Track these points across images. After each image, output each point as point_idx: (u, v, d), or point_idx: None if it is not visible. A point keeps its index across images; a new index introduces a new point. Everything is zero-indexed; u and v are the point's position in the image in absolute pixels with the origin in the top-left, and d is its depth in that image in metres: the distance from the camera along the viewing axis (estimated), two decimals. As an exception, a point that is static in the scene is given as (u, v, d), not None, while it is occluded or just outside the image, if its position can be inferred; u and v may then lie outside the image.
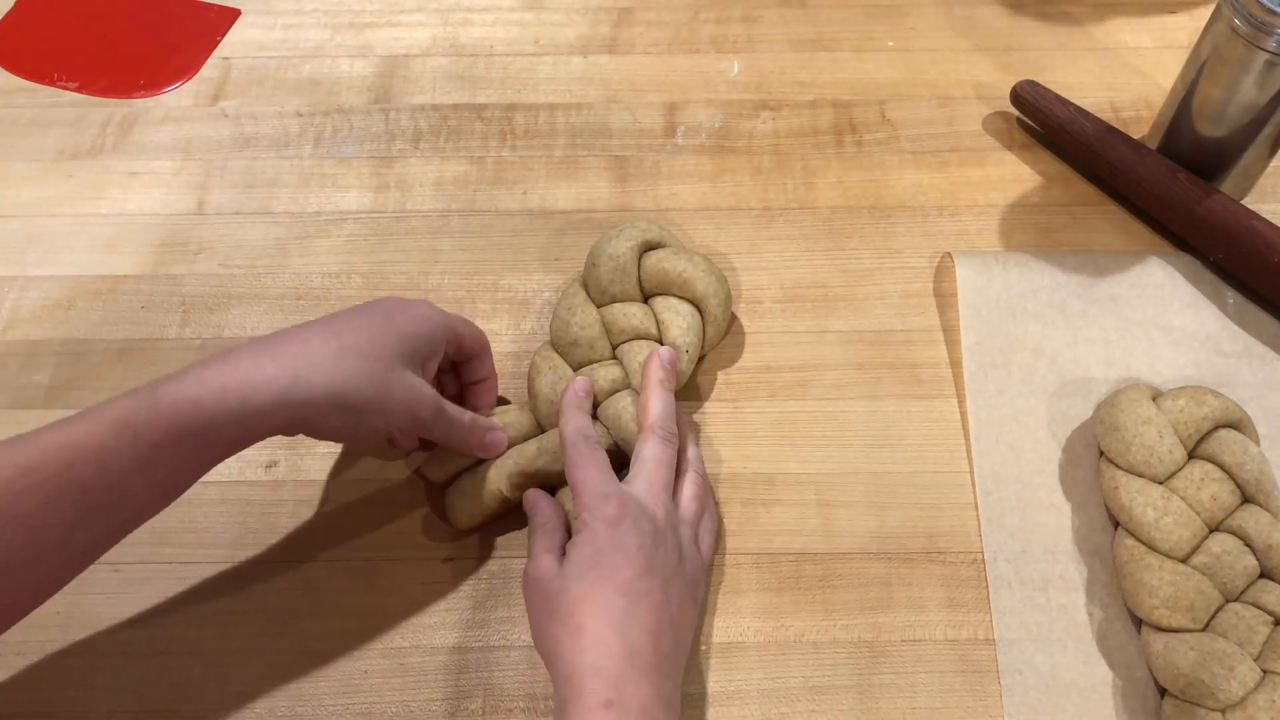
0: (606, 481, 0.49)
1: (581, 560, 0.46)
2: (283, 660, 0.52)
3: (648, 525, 0.47)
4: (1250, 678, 0.47)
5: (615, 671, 0.42)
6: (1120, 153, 0.66)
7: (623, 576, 0.45)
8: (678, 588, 0.47)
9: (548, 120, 0.73)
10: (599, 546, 0.46)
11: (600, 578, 0.45)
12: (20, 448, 0.41)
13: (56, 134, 0.72)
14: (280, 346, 0.46)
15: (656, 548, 0.47)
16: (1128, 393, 0.55)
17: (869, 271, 0.65)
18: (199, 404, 0.43)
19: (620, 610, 0.44)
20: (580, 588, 0.45)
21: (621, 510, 0.47)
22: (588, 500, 0.48)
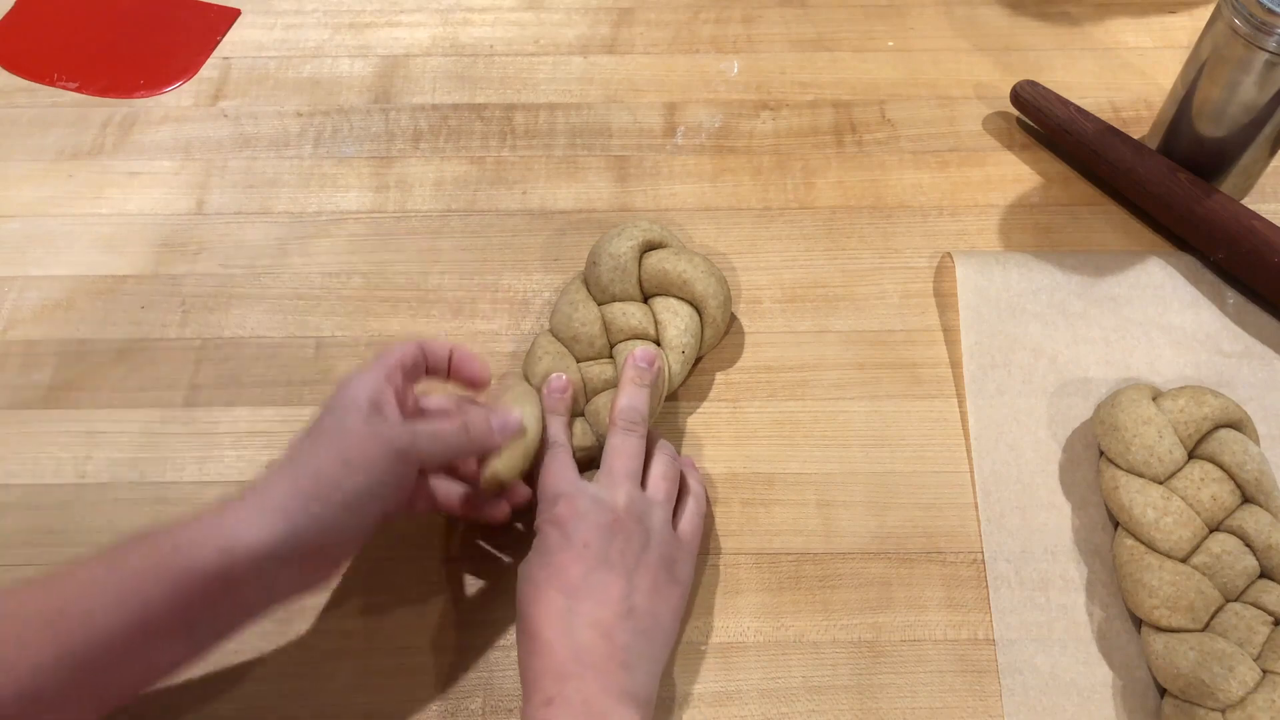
0: (561, 482, 0.50)
1: (533, 562, 0.47)
2: (283, 660, 0.52)
3: (601, 518, 0.48)
4: (1250, 678, 0.47)
5: (556, 670, 0.44)
6: (1120, 153, 0.66)
7: (569, 575, 0.46)
8: (646, 574, 0.48)
9: (548, 120, 0.73)
10: (547, 547, 0.47)
11: (547, 578, 0.46)
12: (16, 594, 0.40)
13: (56, 134, 0.72)
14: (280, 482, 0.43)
15: (610, 540, 0.47)
16: (1128, 393, 0.55)
17: (869, 271, 0.65)
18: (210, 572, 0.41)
19: (565, 609, 0.45)
20: (530, 590, 0.46)
21: (569, 508, 0.48)
22: (541, 504, 0.49)
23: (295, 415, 0.59)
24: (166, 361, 0.62)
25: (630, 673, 0.45)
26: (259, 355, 0.62)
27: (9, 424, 0.59)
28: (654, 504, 0.50)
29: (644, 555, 0.48)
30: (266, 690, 0.51)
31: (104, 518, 0.56)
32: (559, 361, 0.57)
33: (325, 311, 0.64)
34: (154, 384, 0.61)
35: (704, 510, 0.54)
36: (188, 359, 0.62)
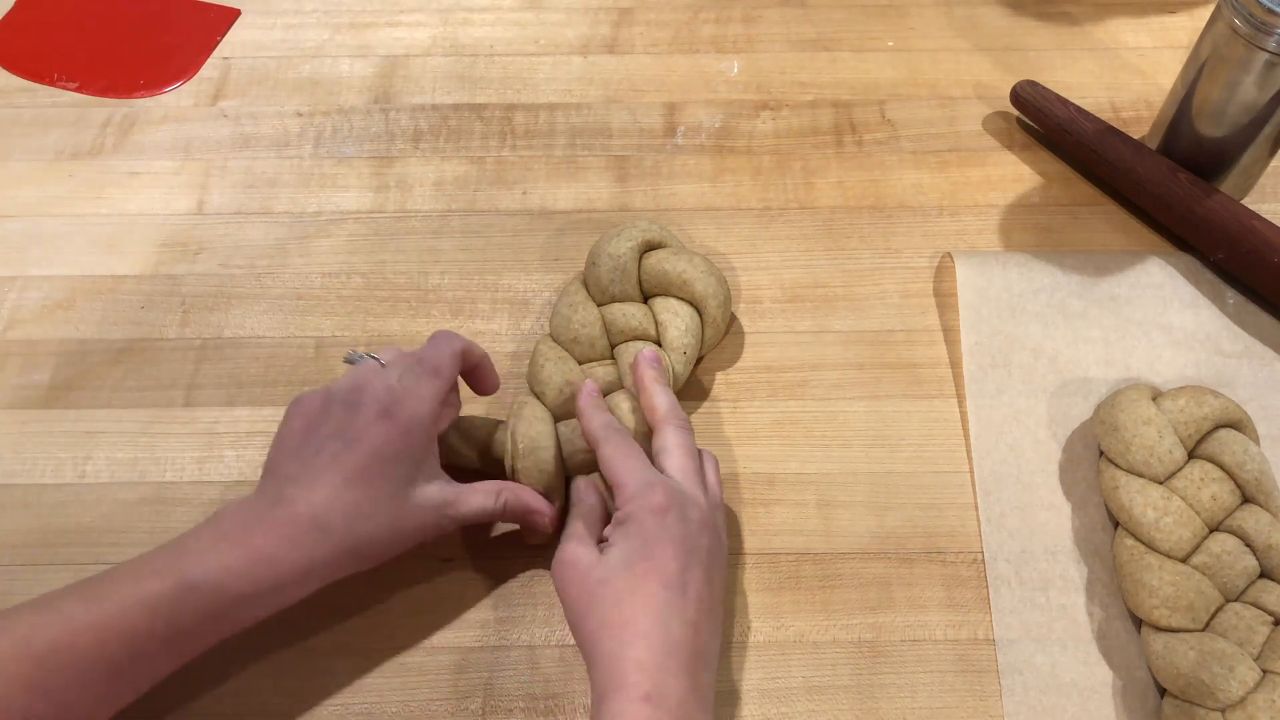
0: (649, 471, 0.49)
1: (628, 551, 0.46)
2: (283, 660, 0.52)
3: (694, 514, 0.47)
4: (1250, 678, 0.47)
5: (656, 665, 0.43)
6: (1120, 153, 0.66)
7: (670, 569, 0.45)
8: (719, 576, 0.48)
9: (548, 120, 0.73)
10: (646, 538, 0.46)
11: (648, 570, 0.45)
12: (49, 622, 0.41)
13: (56, 134, 0.72)
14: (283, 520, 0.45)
15: (701, 536, 0.47)
16: (1128, 393, 0.55)
17: (869, 271, 0.65)
18: (225, 593, 0.43)
19: (664, 603, 0.44)
20: (627, 580, 0.45)
21: (669, 500, 0.47)
22: (633, 490, 0.48)
23: (295, 415, 0.59)
24: (166, 361, 0.62)
25: (708, 673, 0.45)
26: (259, 355, 0.62)
27: (9, 424, 0.59)
28: (717, 506, 0.51)
29: (717, 555, 0.48)
30: (266, 690, 0.51)
31: (104, 518, 0.56)
32: (561, 366, 0.57)
33: (325, 311, 0.64)
34: (154, 384, 0.61)
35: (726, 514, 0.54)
36: (188, 359, 0.62)
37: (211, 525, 0.45)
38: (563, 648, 0.52)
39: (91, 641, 0.41)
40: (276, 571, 0.44)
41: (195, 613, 0.43)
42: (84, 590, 0.43)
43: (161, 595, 0.42)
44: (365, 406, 0.48)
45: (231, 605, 0.44)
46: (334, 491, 0.46)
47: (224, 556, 0.44)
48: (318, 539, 0.45)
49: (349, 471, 0.46)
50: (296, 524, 0.45)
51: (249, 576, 0.44)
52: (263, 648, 0.52)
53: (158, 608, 0.42)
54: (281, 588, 0.45)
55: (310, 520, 0.45)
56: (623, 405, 0.55)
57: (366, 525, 0.46)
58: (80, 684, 0.41)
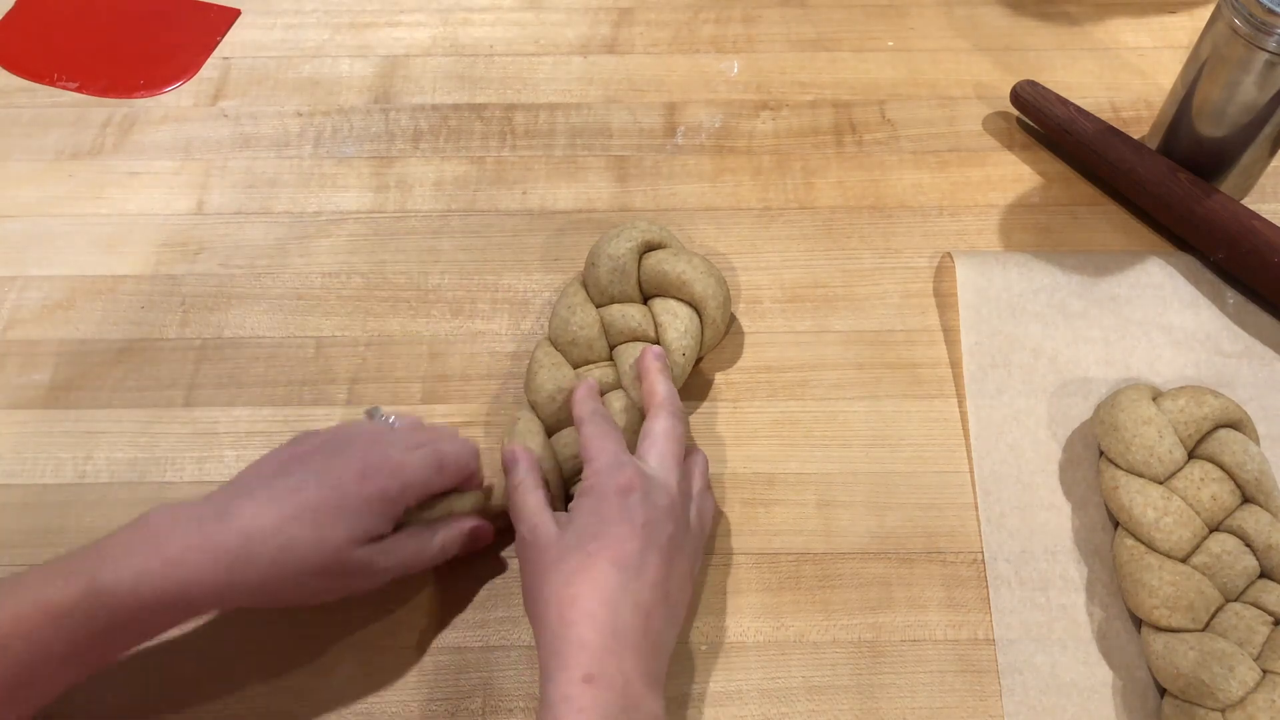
0: (621, 452, 0.49)
1: (585, 528, 0.45)
2: (283, 660, 0.52)
3: (661, 499, 0.47)
4: (1250, 678, 0.47)
5: (600, 645, 0.42)
6: (1120, 153, 0.66)
7: (625, 549, 0.45)
8: (682, 563, 0.47)
9: (548, 120, 0.73)
10: (604, 515, 0.46)
11: (601, 548, 0.44)
12: None
13: (56, 134, 0.72)
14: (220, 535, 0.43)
15: (664, 522, 0.46)
16: (1128, 393, 0.55)
17: (869, 271, 0.65)
18: (139, 596, 0.41)
19: (616, 584, 0.44)
20: (579, 557, 0.45)
21: (633, 481, 0.47)
22: (600, 466, 0.47)
23: (295, 415, 0.59)
24: (166, 361, 0.62)
25: (657, 656, 0.45)
26: (259, 355, 0.62)
27: (9, 424, 0.59)
28: (692, 497, 0.50)
29: (682, 544, 0.48)
30: (266, 690, 0.51)
31: (104, 518, 0.56)
32: (554, 373, 0.57)
33: (325, 311, 0.64)
34: (154, 384, 0.61)
35: (715, 512, 0.54)
36: (188, 359, 0.62)
37: (136, 527, 0.44)
38: (563, 648, 0.52)
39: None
40: (187, 587, 0.42)
41: (102, 620, 0.41)
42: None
43: (66, 599, 0.41)
44: (350, 460, 0.47)
45: (139, 613, 0.42)
46: (278, 521, 0.44)
47: (137, 562, 0.42)
48: (242, 563, 0.43)
49: (301, 506, 0.44)
50: (226, 541, 0.43)
51: (160, 585, 0.42)
52: (263, 648, 0.52)
53: (60, 613, 0.40)
54: (191, 603, 0.44)
55: (242, 541, 0.43)
56: (614, 404, 0.55)
57: (296, 564, 0.44)
58: None
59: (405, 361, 0.61)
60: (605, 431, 0.50)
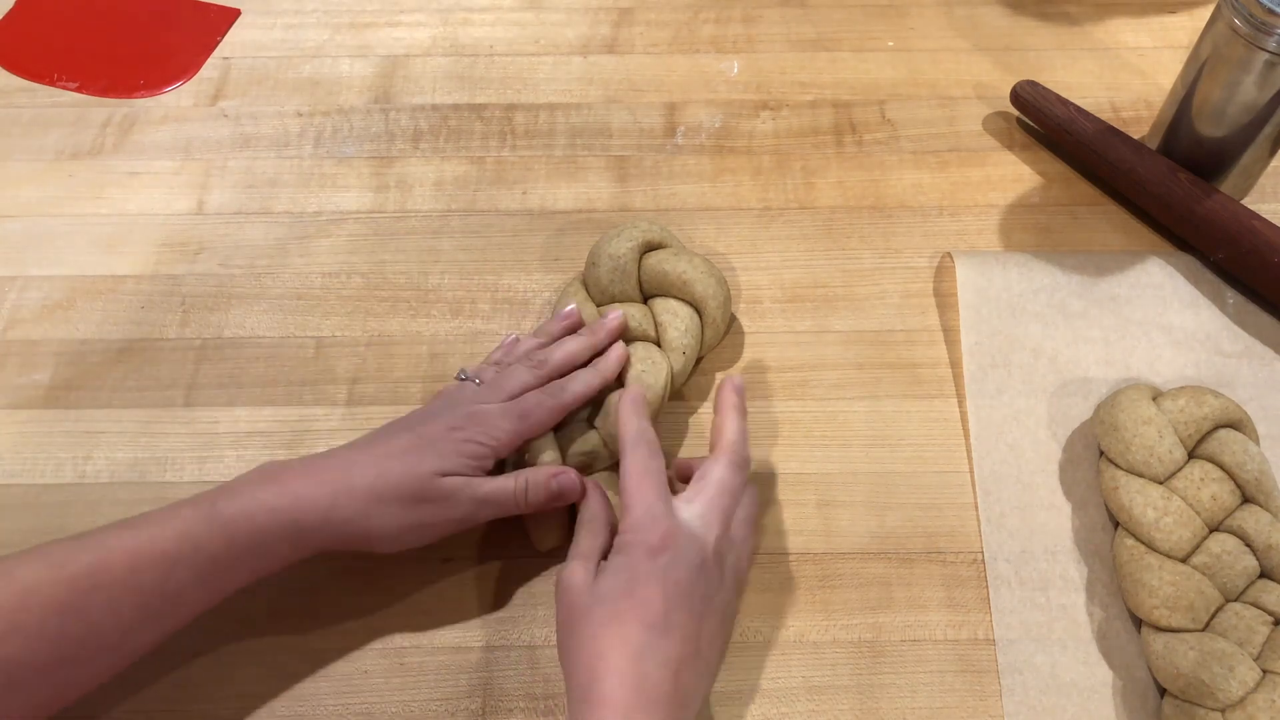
0: (658, 502, 0.47)
1: (614, 586, 0.45)
2: (283, 660, 0.52)
3: (694, 557, 0.46)
4: (1250, 678, 0.47)
5: (624, 702, 0.42)
6: (1120, 153, 0.66)
7: (653, 610, 0.44)
8: (713, 621, 0.46)
9: (548, 120, 0.73)
10: (634, 574, 0.45)
11: (630, 608, 0.44)
12: (87, 548, 0.43)
13: (56, 134, 0.72)
14: (325, 470, 0.48)
15: (697, 580, 0.45)
16: (1128, 393, 0.55)
17: (869, 271, 0.65)
18: (254, 522, 0.45)
19: (642, 644, 0.43)
20: (606, 613, 0.44)
21: (666, 540, 0.45)
22: (634, 520, 0.47)
23: (295, 415, 0.59)
24: (166, 361, 0.62)
25: (686, 711, 0.44)
26: (259, 355, 0.62)
27: (9, 424, 0.59)
28: (733, 546, 0.49)
29: (713, 599, 0.46)
30: (266, 690, 0.51)
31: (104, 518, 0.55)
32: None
33: (325, 311, 0.64)
34: (154, 384, 0.61)
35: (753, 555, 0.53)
36: (188, 359, 0.62)
37: (253, 471, 0.48)
38: (563, 648, 0.52)
39: (124, 564, 0.43)
40: (297, 513, 0.46)
41: (222, 540, 0.44)
42: (123, 522, 0.45)
43: (194, 521, 0.44)
44: (440, 418, 0.51)
45: (256, 537, 0.45)
46: (375, 458, 0.48)
47: (255, 491, 0.46)
48: (344, 490, 0.47)
49: (395, 448, 0.49)
50: (330, 474, 0.47)
51: (273, 510, 0.45)
52: (263, 648, 0.52)
53: (189, 533, 0.44)
54: (301, 531, 0.46)
55: (343, 473, 0.47)
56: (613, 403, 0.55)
57: (388, 490, 0.47)
58: (111, 608, 0.42)
59: (405, 361, 0.61)
60: (644, 469, 0.48)
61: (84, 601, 0.42)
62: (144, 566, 0.43)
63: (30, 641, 0.41)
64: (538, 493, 0.51)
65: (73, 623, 0.42)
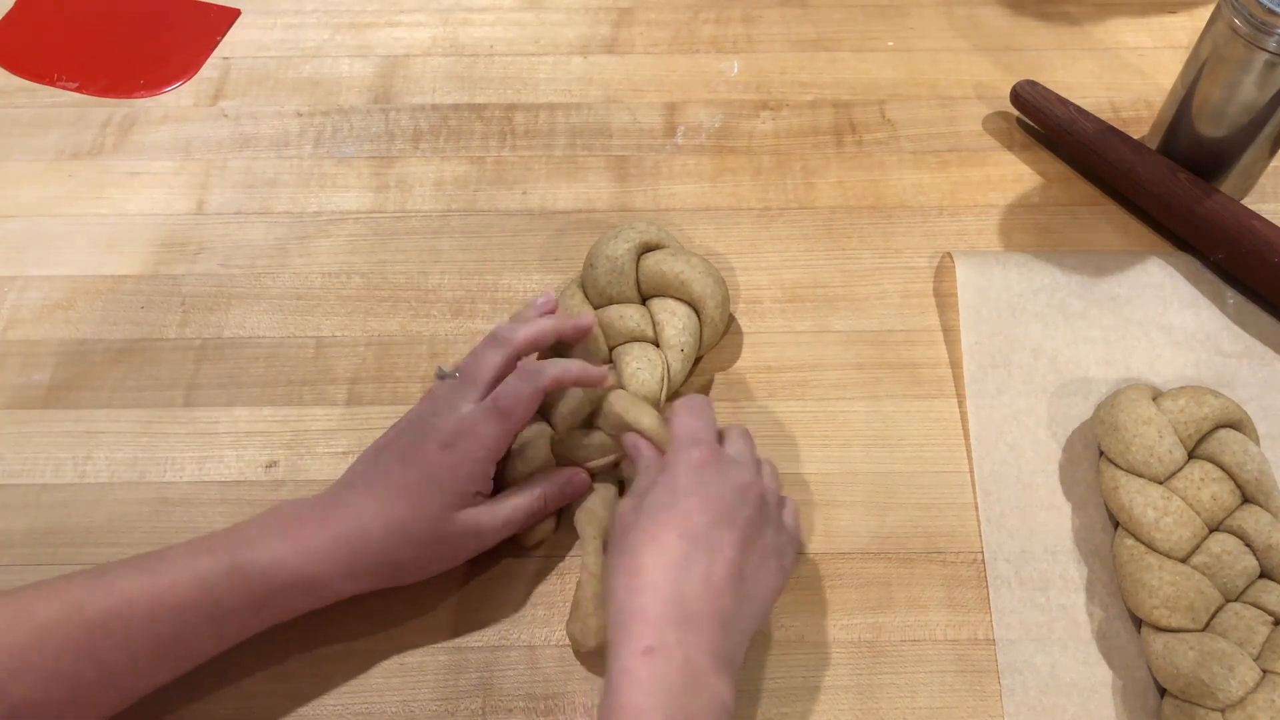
0: (705, 429, 0.48)
1: (656, 500, 0.45)
2: (283, 660, 0.52)
3: (737, 479, 0.46)
4: (1250, 677, 0.47)
5: (661, 616, 0.41)
6: (1120, 153, 0.66)
7: (693, 521, 0.44)
8: (760, 547, 0.45)
9: (548, 120, 0.73)
10: (676, 487, 0.45)
11: (670, 519, 0.44)
12: (104, 590, 0.43)
13: (56, 134, 0.72)
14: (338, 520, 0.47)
15: (740, 501, 0.45)
16: (1128, 393, 0.55)
17: (869, 271, 0.65)
18: (273, 581, 0.45)
19: (681, 554, 0.43)
20: (648, 527, 0.44)
21: (709, 455, 0.46)
22: (679, 442, 0.48)
23: (295, 415, 0.59)
24: (166, 361, 0.62)
25: (727, 636, 0.43)
26: (259, 355, 0.62)
27: (9, 424, 0.59)
28: (773, 496, 0.49)
29: (763, 530, 0.46)
30: (266, 690, 0.51)
31: (104, 518, 0.56)
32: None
33: (325, 311, 0.64)
34: (154, 384, 0.61)
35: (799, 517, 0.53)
36: (188, 359, 0.62)
37: (268, 516, 0.47)
38: (562, 648, 0.52)
39: (143, 611, 0.42)
40: (317, 567, 0.46)
41: (242, 594, 0.45)
42: (139, 562, 0.44)
43: (214, 572, 0.44)
44: (430, 437, 0.49)
45: (275, 593, 0.45)
46: (380, 504, 0.47)
47: (273, 546, 0.45)
48: (359, 544, 0.47)
49: (399, 487, 0.48)
50: (342, 525, 0.47)
51: (293, 568, 0.45)
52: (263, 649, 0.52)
53: (208, 584, 0.44)
54: (319, 584, 0.46)
55: (356, 527, 0.47)
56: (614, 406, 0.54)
57: (404, 538, 0.47)
58: (128, 652, 0.42)
59: (405, 361, 0.61)
60: (694, 407, 0.50)
61: (100, 645, 0.42)
62: (162, 616, 0.43)
63: (43, 681, 0.41)
64: (554, 496, 0.52)
65: (87, 665, 0.42)
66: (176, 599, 0.43)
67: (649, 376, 0.56)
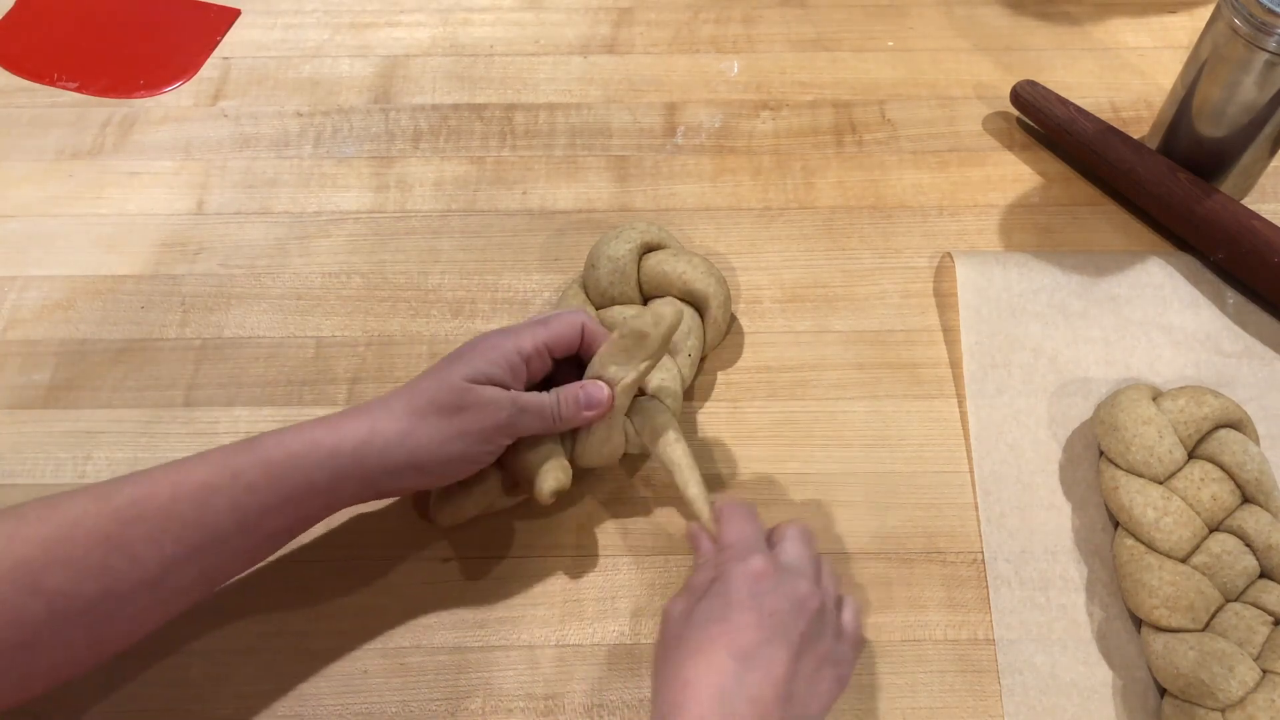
0: (756, 536, 0.47)
1: (709, 611, 0.44)
2: (283, 660, 0.52)
3: (793, 590, 0.45)
4: (1250, 677, 0.47)
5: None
6: (1120, 153, 0.66)
7: (745, 639, 0.43)
8: (811, 664, 0.44)
9: (548, 120, 0.73)
10: (730, 600, 0.44)
11: (721, 633, 0.43)
12: (132, 480, 0.44)
13: (56, 134, 0.72)
14: (363, 407, 0.48)
15: (796, 615, 0.44)
16: (1128, 393, 0.55)
17: (869, 271, 0.65)
18: (291, 449, 0.46)
19: (730, 675, 0.42)
20: (698, 639, 0.43)
21: (768, 567, 0.45)
22: (737, 549, 0.46)
23: (295, 415, 0.59)
24: (166, 361, 0.62)
25: None
26: (259, 355, 0.62)
27: (9, 424, 0.59)
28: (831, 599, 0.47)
29: (818, 642, 0.45)
30: (266, 690, 0.51)
31: (104, 518, 0.56)
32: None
33: (325, 311, 0.64)
34: (154, 384, 0.61)
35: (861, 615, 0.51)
36: (187, 359, 0.62)
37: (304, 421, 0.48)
38: (562, 648, 0.52)
39: (165, 494, 0.43)
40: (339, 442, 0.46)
41: (261, 470, 0.45)
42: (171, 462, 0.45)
43: (232, 452, 0.45)
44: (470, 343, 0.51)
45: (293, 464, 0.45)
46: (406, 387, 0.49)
47: (304, 428, 0.47)
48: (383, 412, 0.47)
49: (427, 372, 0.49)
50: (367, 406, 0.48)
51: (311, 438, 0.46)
52: (263, 648, 0.52)
53: (227, 462, 0.45)
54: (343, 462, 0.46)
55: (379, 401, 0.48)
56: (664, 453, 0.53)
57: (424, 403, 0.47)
58: (152, 539, 0.43)
59: (405, 361, 0.62)
60: (743, 512, 0.49)
61: (126, 533, 0.42)
62: (183, 495, 0.43)
63: (75, 573, 0.41)
64: (570, 405, 0.51)
65: (116, 555, 0.42)
66: (196, 478, 0.44)
67: (673, 384, 0.55)
